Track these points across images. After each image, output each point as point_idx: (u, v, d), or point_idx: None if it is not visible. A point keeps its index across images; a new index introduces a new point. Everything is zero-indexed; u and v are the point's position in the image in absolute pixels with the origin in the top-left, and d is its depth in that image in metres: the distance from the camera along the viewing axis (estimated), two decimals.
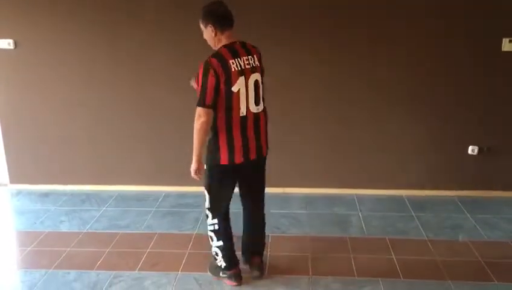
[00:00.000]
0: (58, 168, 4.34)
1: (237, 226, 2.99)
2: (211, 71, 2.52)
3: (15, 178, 4.43)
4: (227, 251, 2.86)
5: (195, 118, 2.60)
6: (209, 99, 2.55)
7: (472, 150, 3.99)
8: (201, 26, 2.64)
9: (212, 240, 2.86)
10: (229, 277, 2.89)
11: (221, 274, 2.92)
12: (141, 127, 4.17)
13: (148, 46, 3.98)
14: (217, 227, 2.83)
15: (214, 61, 2.54)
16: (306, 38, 3.83)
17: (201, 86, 2.55)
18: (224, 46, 2.60)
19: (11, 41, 4.02)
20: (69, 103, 4.17)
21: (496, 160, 4.00)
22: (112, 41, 4.00)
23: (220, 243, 2.84)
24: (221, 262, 2.88)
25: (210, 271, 2.99)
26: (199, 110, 2.58)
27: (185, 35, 3.87)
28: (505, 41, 3.70)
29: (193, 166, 2.73)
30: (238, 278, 2.89)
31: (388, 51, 3.83)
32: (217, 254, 2.87)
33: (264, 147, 2.81)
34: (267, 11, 3.76)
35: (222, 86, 2.55)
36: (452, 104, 3.90)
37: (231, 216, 2.92)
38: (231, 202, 2.87)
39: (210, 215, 2.83)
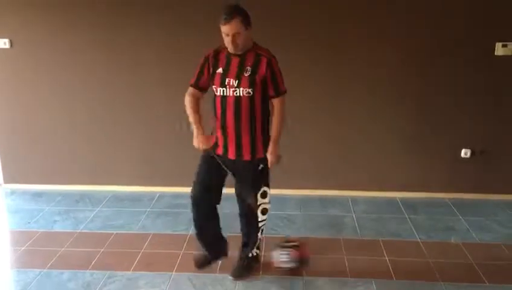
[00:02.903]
0: (53, 168, 4.33)
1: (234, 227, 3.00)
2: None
3: (9, 178, 4.42)
4: None
5: (282, 105, 2.79)
6: None
7: (465, 153, 4.02)
8: (243, 29, 2.60)
9: (262, 233, 2.99)
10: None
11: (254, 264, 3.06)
12: (136, 127, 4.18)
13: (145, 47, 3.99)
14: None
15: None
16: (305, 38, 3.84)
17: (281, 76, 2.75)
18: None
19: (6, 40, 4.01)
20: (64, 103, 4.16)
21: (489, 163, 4.03)
22: (109, 42, 4.00)
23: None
24: (258, 251, 3.05)
25: (246, 274, 2.99)
26: (284, 98, 2.79)
27: (182, 37, 3.88)
28: (498, 45, 3.74)
29: (276, 154, 2.81)
30: None
31: (384, 53, 3.85)
32: (258, 247, 3.04)
33: None
34: (267, 10, 3.76)
35: None
36: (446, 107, 3.94)
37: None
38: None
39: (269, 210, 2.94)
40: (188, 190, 4.14)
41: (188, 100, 2.80)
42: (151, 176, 4.29)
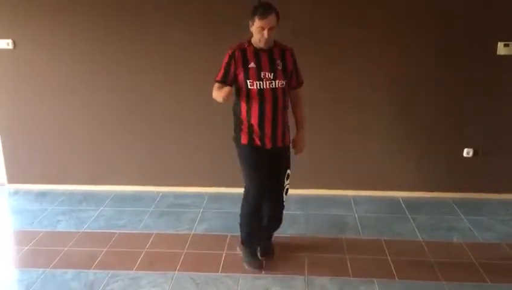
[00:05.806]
0: (56, 168, 4.35)
1: None
2: None
3: (13, 178, 4.44)
4: None
5: (301, 95, 3.06)
6: None
7: (467, 152, 4.02)
8: (276, 23, 2.75)
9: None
10: None
11: None
12: (139, 127, 4.19)
13: (148, 47, 3.99)
14: None
15: None
16: (305, 40, 3.83)
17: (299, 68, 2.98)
18: None
19: (10, 41, 4.03)
20: (67, 103, 4.18)
21: (491, 162, 4.03)
22: (112, 42, 4.01)
23: None
24: None
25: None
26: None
27: (184, 36, 3.89)
28: (500, 45, 3.74)
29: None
30: None
31: (386, 53, 3.85)
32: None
33: None
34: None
35: None
36: (448, 106, 3.93)
37: None
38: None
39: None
40: (189, 189, 4.19)
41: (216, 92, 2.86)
42: (153, 175, 4.30)
